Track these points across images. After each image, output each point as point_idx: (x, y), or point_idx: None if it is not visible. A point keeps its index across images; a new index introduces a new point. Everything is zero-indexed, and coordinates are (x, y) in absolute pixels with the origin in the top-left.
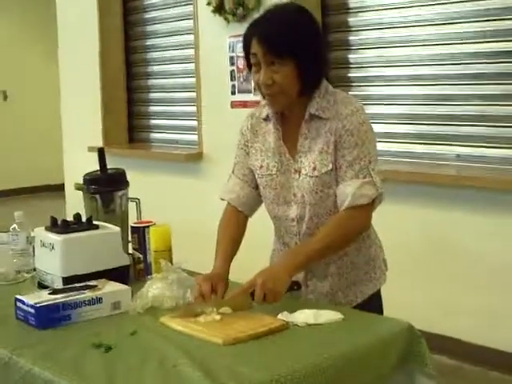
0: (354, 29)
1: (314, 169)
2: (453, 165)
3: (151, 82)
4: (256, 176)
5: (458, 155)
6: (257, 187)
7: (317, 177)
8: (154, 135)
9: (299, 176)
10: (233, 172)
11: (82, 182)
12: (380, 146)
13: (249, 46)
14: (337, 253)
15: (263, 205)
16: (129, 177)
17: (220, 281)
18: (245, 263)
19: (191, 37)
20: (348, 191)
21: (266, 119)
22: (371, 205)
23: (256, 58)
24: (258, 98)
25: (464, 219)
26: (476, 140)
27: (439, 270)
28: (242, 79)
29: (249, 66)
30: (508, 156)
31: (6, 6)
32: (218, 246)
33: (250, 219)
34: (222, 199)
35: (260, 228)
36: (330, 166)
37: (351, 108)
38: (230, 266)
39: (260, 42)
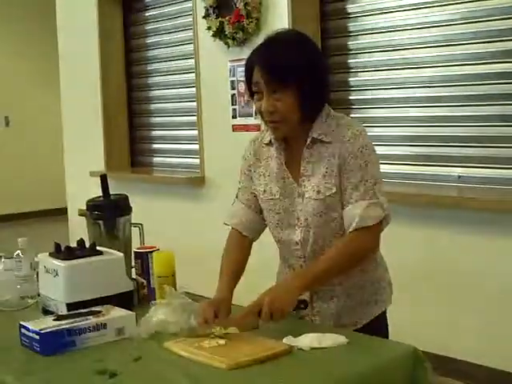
0: (353, 52)
1: (319, 192)
2: (454, 186)
3: (153, 106)
4: (259, 200)
5: (460, 176)
6: (261, 211)
7: (321, 200)
8: (156, 159)
9: (303, 200)
10: (237, 197)
11: (85, 207)
12: (380, 168)
13: (251, 74)
14: (344, 274)
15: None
16: (131, 201)
17: (222, 306)
18: (250, 286)
19: (192, 61)
20: (355, 213)
21: (269, 144)
22: (378, 226)
23: (258, 87)
24: (259, 121)
25: (466, 240)
26: (477, 161)
27: (444, 291)
28: (242, 103)
29: (250, 92)
30: (509, 176)
31: (8, 31)
32: (222, 270)
33: (255, 242)
34: (226, 224)
35: (265, 251)
36: (334, 189)
37: (353, 131)
38: (233, 290)
39: (262, 72)
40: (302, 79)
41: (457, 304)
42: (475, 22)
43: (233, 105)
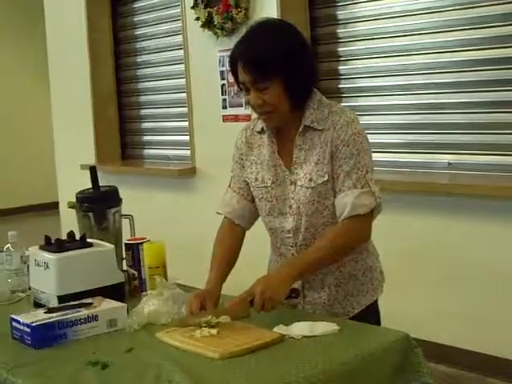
0: (343, 40)
1: (311, 180)
2: (444, 173)
3: (142, 98)
4: (252, 188)
5: (450, 163)
6: (253, 200)
7: (313, 188)
8: (147, 151)
9: (295, 187)
10: (229, 185)
11: (75, 200)
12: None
13: (235, 70)
14: (336, 262)
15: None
16: (122, 193)
17: (209, 298)
18: (241, 276)
19: (181, 52)
20: (346, 201)
21: (261, 132)
22: (370, 214)
23: (244, 84)
24: (249, 111)
25: (457, 227)
26: (467, 148)
27: (435, 278)
28: (232, 93)
29: (238, 85)
30: (499, 162)
31: None
32: (213, 260)
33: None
34: (219, 213)
35: (257, 240)
36: (326, 176)
37: (346, 119)
38: (223, 280)
39: (244, 70)
40: (285, 70)
41: (452, 290)
42: (465, 8)
43: (223, 95)
